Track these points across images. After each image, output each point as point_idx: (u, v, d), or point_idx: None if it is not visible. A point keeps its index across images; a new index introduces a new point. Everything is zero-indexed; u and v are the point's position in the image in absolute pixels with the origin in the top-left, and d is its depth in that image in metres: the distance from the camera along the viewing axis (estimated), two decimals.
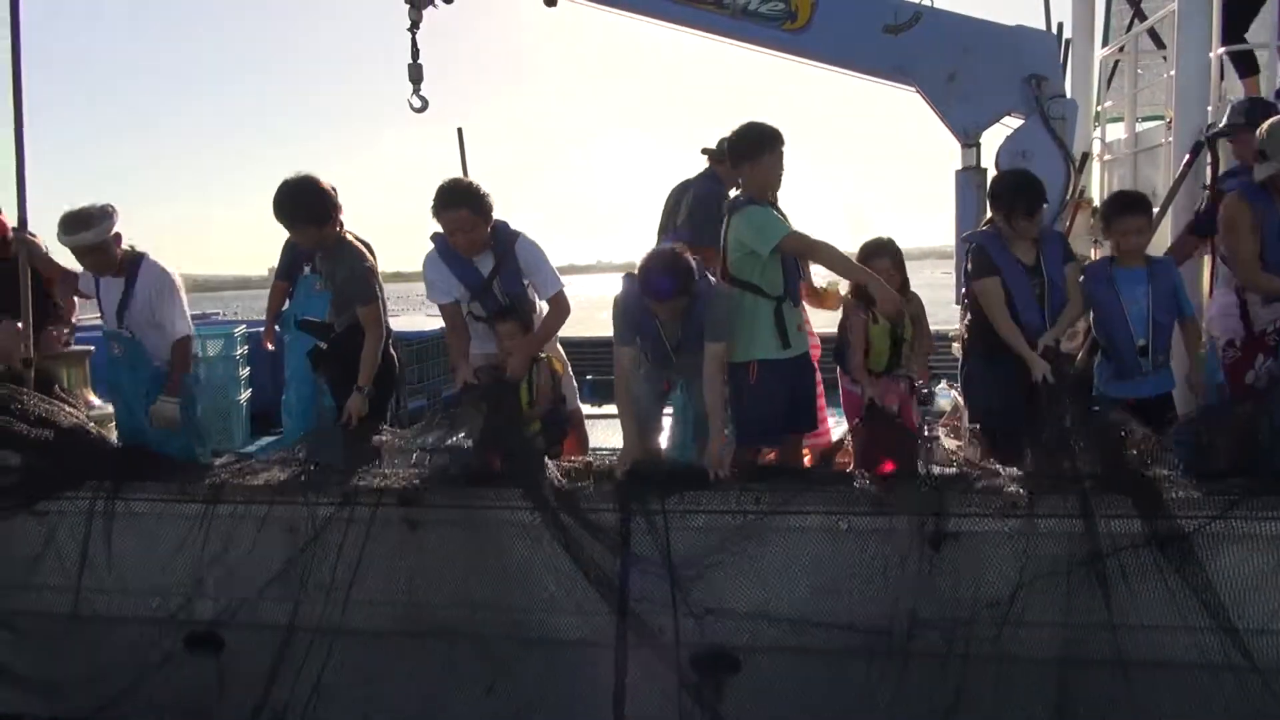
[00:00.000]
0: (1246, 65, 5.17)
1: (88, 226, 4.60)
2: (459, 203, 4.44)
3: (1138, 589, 3.54)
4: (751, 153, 4.45)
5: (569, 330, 4.97)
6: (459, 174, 7.71)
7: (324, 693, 4.11)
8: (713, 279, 4.42)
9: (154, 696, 4.24)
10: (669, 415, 4.78)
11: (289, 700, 4.14)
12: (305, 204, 4.66)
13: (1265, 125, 4.24)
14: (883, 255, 4.54)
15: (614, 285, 4.42)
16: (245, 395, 7.05)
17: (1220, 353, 4.46)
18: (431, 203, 4.50)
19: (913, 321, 4.62)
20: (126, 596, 4.24)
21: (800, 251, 4.43)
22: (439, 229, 4.61)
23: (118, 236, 4.74)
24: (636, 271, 4.23)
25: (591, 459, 4.38)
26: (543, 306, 4.82)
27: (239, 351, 7.07)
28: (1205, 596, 3.49)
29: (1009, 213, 4.33)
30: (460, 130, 7.91)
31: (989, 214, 4.64)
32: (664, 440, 4.73)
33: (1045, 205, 4.39)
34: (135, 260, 4.77)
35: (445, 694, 4.09)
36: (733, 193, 4.93)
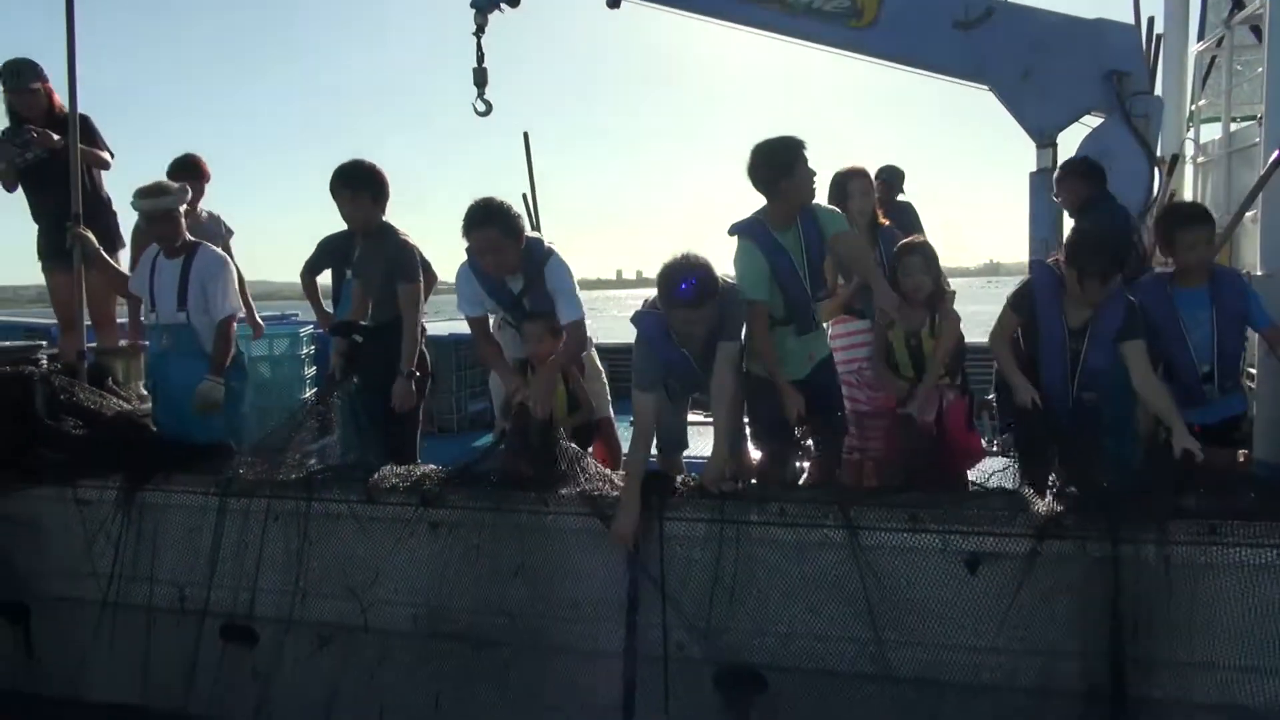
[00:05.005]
0: None
1: (166, 193, 4.88)
2: (488, 222, 4.27)
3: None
4: (786, 168, 4.10)
5: (605, 338, 4.87)
6: (526, 179, 7.78)
7: (339, 690, 4.10)
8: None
9: (179, 685, 4.30)
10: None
11: (307, 695, 4.15)
12: (367, 174, 4.76)
13: None
14: (913, 253, 4.32)
15: None
16: (309, 395, 7.16)
17: None
18: (461, 222, 4.36)
19: (936, 321, 4.34)
20: (158, 585, 4.31)
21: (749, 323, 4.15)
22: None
23: (189, 213, 5.00)
24: (661, 286, 3.90)
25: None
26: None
27: (305, 351, 7.20)
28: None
29: (1079, 271, 3.86)
30: (526, 135, 7.96)
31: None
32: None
33: (1119, 276, 3.92)
34: (193, 245, 4.96)
35: (459, 697, 4.00)
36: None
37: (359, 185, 4.72)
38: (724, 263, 4.16)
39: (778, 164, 4.13)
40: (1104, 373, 3.95)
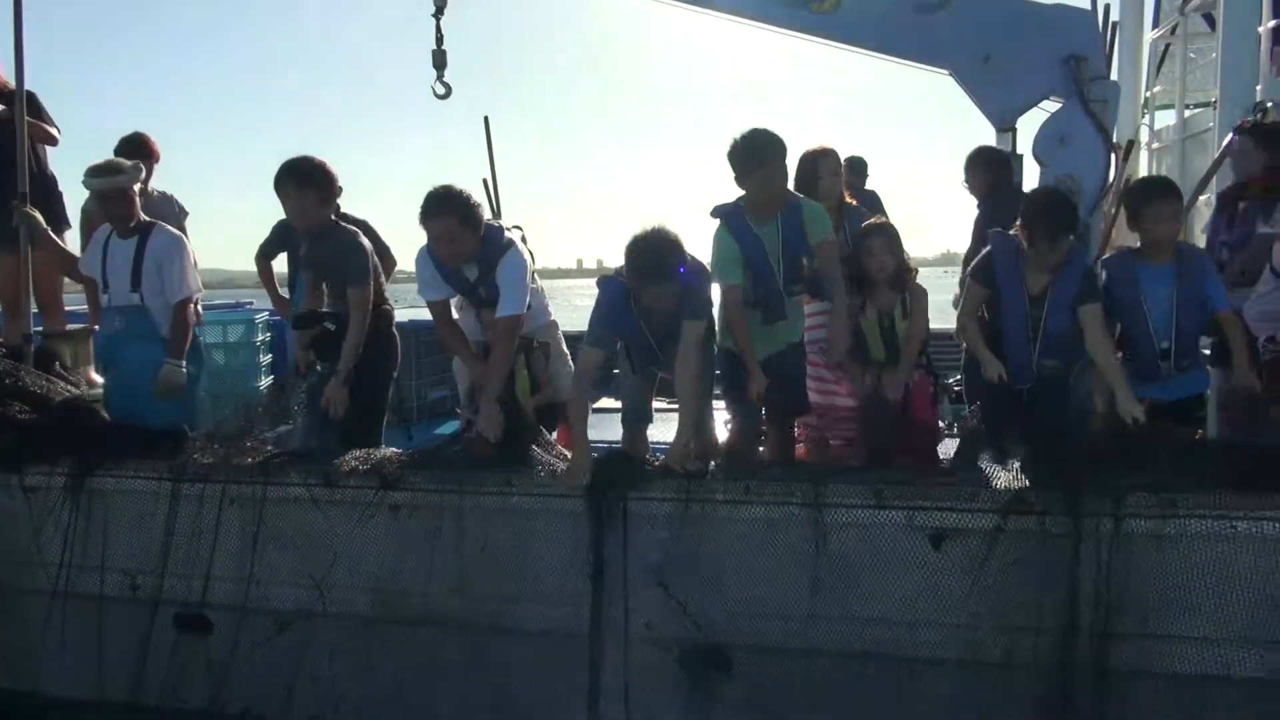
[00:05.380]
0: None
1: (120, 171, 4.73)
2: (445, 211, 4.16)
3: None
4: (754, 164, 4.10)
5: (571, 326, 4.86)
6: (486, 165, 7.67)
7: (298, 678, 4.02)
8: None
9: (133, 676, 4.19)
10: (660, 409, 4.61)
11: (265, 683, 4.07)
12: (314, 170, 4.57)
13: None
14: (875, 234, 4.32)
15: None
16: (265, 382, 7.04)
17: (1261, 347, 4.13)
18: (419, 210, 4.23)
19: (907, 307, 4.35)
20: (109, 574, 4.18)
21: (723, 304, 4.21)
22: None
23: (141, 192, 4.85)
24: (629, 259, 3.88)
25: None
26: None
27: (260, 339, 7.08)
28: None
29: (1030, 234, 3.97)
30: (487, 119, 7.85)
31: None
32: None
33: (1071, 236, 4.02)
34: (148, 225, 4.82)
35: (421, 681, 3.95)
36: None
37: (305, 182, 4.52)
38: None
39: (747, 157, 4.12)
40: (1064, 338, 4.02)
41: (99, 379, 5.10)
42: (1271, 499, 3.21)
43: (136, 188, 4.80)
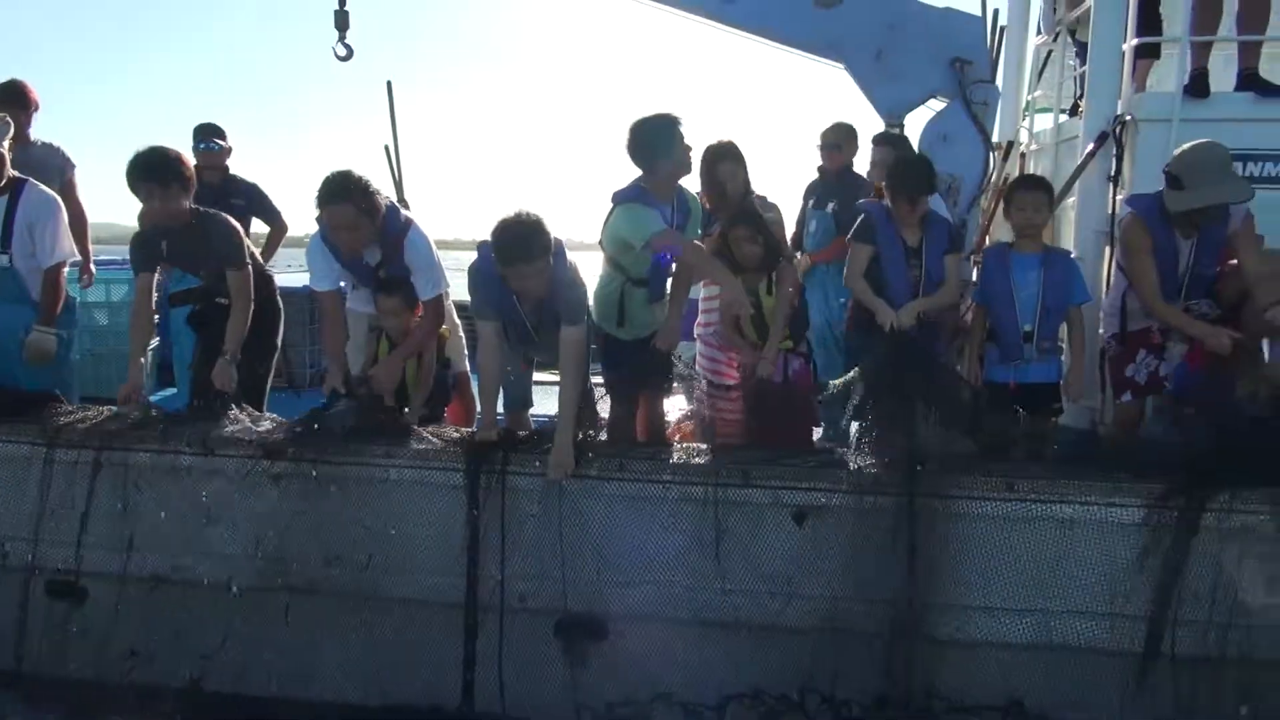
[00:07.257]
0: (1147, 49, 5.11)
1: None
2: (343, 198, 4.12)
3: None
4: (665, 149, 4.19)
5: (461, 294, 4.90)
6: (389, 131, 7.53)
7: (180, 647, 4.04)
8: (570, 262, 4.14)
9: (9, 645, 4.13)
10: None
11: (144, 653, 4.07)
12: (174, 164, 4.35)
13: (1180, 153, 4.07)
14: (737, 226, 4.47)
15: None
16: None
17: (1105, 344, 4.46)
18: (315, 195, 4.19)
19: (775, 291, 4.51)
20: None
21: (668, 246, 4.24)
22: None
23: (22, 141, 4.68)
24: (494, 242, 3.90)
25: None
26: None
27: None
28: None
29: (892, 195, 4.45)
30: (389, 84, 7.71)
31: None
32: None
33: (929, 196, 4.52)
34: (19, 183, 4.60)
35: (300, 648, 4.01)
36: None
37: (169, 178, 4.31)
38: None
39: (656, 144, 4.20)
40: (936, 284, 4.48)
41: None
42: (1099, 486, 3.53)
43: (5, 144, 4.59)
